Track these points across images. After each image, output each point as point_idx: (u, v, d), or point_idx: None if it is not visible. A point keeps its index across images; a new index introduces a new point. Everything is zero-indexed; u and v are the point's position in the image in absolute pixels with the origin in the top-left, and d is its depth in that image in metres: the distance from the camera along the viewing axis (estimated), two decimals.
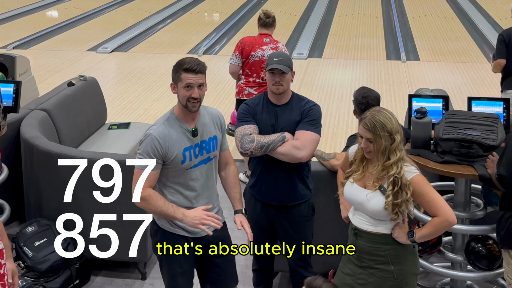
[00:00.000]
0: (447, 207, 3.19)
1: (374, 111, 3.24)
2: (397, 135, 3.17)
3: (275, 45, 6.03)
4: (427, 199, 3.19)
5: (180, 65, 3.29)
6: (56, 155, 4.58)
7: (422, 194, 3.18)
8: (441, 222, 3.17)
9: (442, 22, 13.94)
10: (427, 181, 3.22)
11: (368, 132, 3.17)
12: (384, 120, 3.16)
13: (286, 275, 4.60)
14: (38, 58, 10.96)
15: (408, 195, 3.15)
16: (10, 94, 4.80)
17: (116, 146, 5.78)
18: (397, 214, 3.21)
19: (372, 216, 3.28)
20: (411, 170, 3.20)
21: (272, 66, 3.68)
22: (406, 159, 3.22)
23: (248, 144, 3.69)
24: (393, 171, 3.16)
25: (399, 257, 3.29)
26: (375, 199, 3.22)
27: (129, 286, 4.70)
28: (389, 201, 3.15)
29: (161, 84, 9.52)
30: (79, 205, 4.59)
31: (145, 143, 3.31)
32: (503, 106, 4.24)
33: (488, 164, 3.68)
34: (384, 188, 3.19)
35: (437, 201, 3.19)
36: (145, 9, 15.38)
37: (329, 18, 14.40)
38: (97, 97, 6.39)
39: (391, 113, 3.22)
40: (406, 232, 3.25)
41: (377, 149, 3.18)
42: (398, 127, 3.20)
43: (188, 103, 3.29)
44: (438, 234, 3.28)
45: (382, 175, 3.20)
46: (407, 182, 3.16)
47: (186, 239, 3.46)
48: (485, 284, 4.45)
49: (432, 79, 9.71)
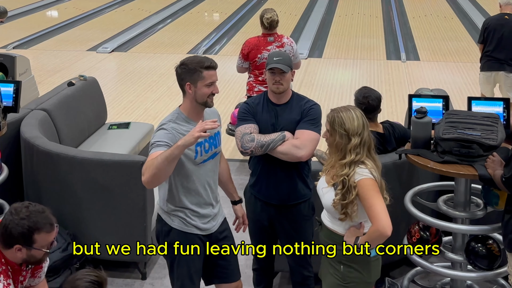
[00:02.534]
0: (384, 217, 3.07)
1: (343, 107, 3.27)
2: (355, 137, 3.16)
3: (280, 42, 6.07)
4: (367, 204, 3.12)
5: (198, 63, 3.32)
6: (56, 155, 4.59)
7: (364, 198, 3.13)
8: (373, 231, 3.10)
9: (442, 22, 13.94)
10: (375, 186, 3.15)
11: (328, 124, 3.25)
12: (345, 118, 3.18)
13: (286, 275, 4.60)
14: (38, 58, 10.96)
15: (353, 196, 3.13)
16: (10, 94, 4.80)
17: (116, 146, 5.78)
18: (344, 214, 3.18)
19: (327, 211, 3.32)
20: (362, 172, 3.17)
21: (272, 65, 3.69)
22: (367, 163, 3.18)
23: (248, 143, 3.69)
24: (344, 171, 3.17)
25: (350, 261, 3.26)
26: (328, 194, 3.26)
27: (129, 286, 4.70)
28: (337, 199, 3.17)
29: (161, 84, 9.52)
30: (79, 205, 4.60)
31: (159, 134, 3.29)
32: (503, 106, 4.24)
33: (488, 164, 3.67)
34: (337, 185, 3.20)
35: (375, 209, 3.09)
36: (145, 9, 15.38)
37: (329, 18, 14.40)
38: (97, 97, 6.39)
39: (359, 115, 3.21)
40: (355, 236, 3.21)
41: (331, 142, 3.24)
42: (361, 130, 3.17)
43: (207, 99, 3.36)
44: (376, 243, 3.14)
45: (339, 172, 3.20)
46: (354, 183, 3.14)
47: (199, 237, 3.49)
48: (485, 284, 4.45)
49: (432, 79, 9.71)
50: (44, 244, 2.87)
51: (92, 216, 4.60)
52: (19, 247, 2.84)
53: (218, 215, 3.59)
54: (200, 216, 3.48)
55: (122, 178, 4.49)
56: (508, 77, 7.01)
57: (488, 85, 7.18)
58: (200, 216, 3.48)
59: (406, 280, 4.38)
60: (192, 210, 3.45)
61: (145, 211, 4.54)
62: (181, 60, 3.43)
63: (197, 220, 3.47)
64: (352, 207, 3.16)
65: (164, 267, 4.85)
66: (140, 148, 6.10)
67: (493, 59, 7.04)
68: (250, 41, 6.11)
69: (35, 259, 2.92)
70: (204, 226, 3.50)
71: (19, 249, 2.84)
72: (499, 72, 7.03)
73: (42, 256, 2.92)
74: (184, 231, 3.46)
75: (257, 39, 6.11)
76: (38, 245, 2.85)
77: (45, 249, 2.88)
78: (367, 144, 3.21)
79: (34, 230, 2.82)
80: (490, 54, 7.06)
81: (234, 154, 6.65)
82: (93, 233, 4.63)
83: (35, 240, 2.83)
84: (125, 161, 4.53)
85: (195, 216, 3.46)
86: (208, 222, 3.51)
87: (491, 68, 7.07)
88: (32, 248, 2.84)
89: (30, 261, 2.92)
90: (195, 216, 3.46)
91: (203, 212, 3.48)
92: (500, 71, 7.02)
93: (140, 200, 4.51)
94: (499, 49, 6.99)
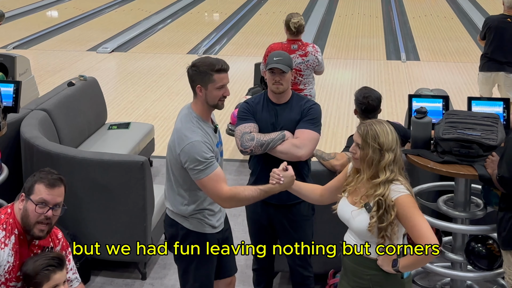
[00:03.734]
0: (431, 235, 2.91)
1: (376, 120, 3.10)
2: (388, 153, 2.96)
3: (304, 51, 5.78)
4: (411, 224, 2.92)
5: (209, 66, 3.28)
6: (56, 155, 4.59)
7: (406, 217, 2.92)
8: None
9: (442, 22, 13.94)
10: (415, 203, 2.98)
11: (359, 137, 3.02)
12: (379, 131, 2.97)
13: (286, 275, 4.60)
14: (38, 58, 10.97)
15: (392, 216, 2.92)
16: (10, 94, 4.80)
17: (116, 146, 5.78)
18: (383, 238, 2.97)
19: (358, 235, 3.08)
20: (398, 189, 2.97)
21: (272, 65, 3.69)
22: (400, 179, 3.00)
23: (248, 143, 3.69)
24: (379, 191, 2.95)
25: (382, 285, 3.06)
26: (360, 216, 3.03)
27: (129, 286, 4.70)
28: (373, 222, 2.95)
29: (161, 84, 9.52)
30: (79, 205, 4.59)
31: (196, 150, 3.23)
32: (503, 106, 4.24)
33: (488, 164, 3.67)
34: (370, 206, 2.98)
35: (421, 227, 2.90)
36: (145, 9, 15.38)
37: (329, 18, 14.40)
38: (97, 97, 6.39)
39: (393, 131, 3.02)
40: (391, 260, 3.01)
41: (363, 157, 3.00)
42: (395, 146, 2.98)
43: (219, 102, 3.34)
44: (421, 265, 3.00)
45: (370, 192, 3.00)
46: (392, 202, 2.93)
47: (215, 236, 3.51)
48: (485, 284, 4.45)
49: (432, 79, 9.72)
50: (39, 199, 2.92)
51: (92, 216, 4.60)
52: (23, 197, 2.98)
53: (223, 210, 3.61)
54: (215, 214, 3.49)
55: (122, 178, 4.49)
56: (508, 77, 7.08)
57: (487, 85, 7.27)
58: (215, 214, 3.49)
59: None
60: (209, 210, 3.46)
61: (145, 211, 4.54)
62: (193, 61, 3.39)
63: (213, 218, 3.48)
64: (392, 229, 2.94)
65: (164, 267, 4.85)
66: (140, 148, 6.10)
67: (493, 60, 7.10)
68: (273, 47, 5.76)
69: (27, 216, 2.93)
70: (218, 223, 3.52)
71: (22, 199, 2.98)
72: (499, 72, 7.10)
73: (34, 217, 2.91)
74: (203, 232, 3.46)
75: (280, 45, 5.80)
76: (34, 197, 2.93)
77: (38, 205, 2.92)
78: (399, 162, 3.01)
79: (36, 181, 2.97)
80: (490, 55, 7.12)
81: (234, 154, 6.65)
82: (93, 233, 4.63)
83: (34, 190, 2.95)
84: (125, 161, 4.53)
85: (211, 216, 3.47)
86: (219, 218, 3.54)
87: (491, 68, 7.14)
88: (29, 199, 2.94)
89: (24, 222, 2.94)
90: (211, 215, 3.47)
91: (217, 209, 3.50)
92: (500, 71, 7.10)
93: (140, 200, 4.51)
94: (500, 51, 7.06)
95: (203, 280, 3.55)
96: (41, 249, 3.03)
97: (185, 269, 3.55)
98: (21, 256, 2.96)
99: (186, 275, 3.56)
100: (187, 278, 3.56)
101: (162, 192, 4.98)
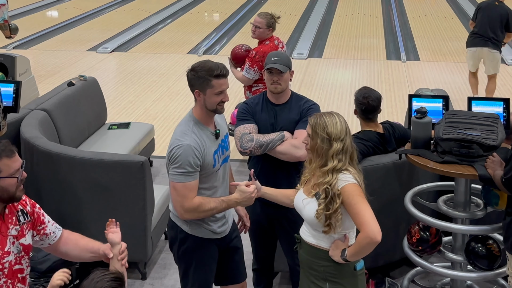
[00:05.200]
0: (373, 222, 2.92)
1: (327, 111, 3.15)
2: (337, 142, 3.02)
3: (280, 43, 6.09)
4: (354, 211, 2.96)
5: (207, 71, 3.24)
6: (56, 155, 4.59)
7: (350, 204, 2.97)
8: (363, 238, 2.93)
9: (442, 22, 13.94)
10: (360, 191, 3.01)
11: (310, 128, 3.11)
12: (328, 122, 3.04)
13: (286, 275, 4.60)
14: (38, 58, 10.97)
15: (337, 204, 2.97)
16: (10, 94, 4.80)
17: (116, 146, 5.78)
18: (328, 226, 3.01)
19: (310, 224, 3.12)
20: (345, 178, 3.02)
21: (270, 65, 3.69)
22: (350, 169, 3.05)
23: (247, 143, 3.69)
24: (327, 179, 3.01)
25: (336, 277, 3.09)
26: (309, 205, 3.08)
27: (129, 286, 4.70)
28: (320, 209, 3.00)
29: (161, 84, 9.52)
30: (79, 205, 4.60)
31: (183, 155, 3.22)
32: (503, 106, 4.24)
33: (488, 164, 3.67)
34: (319, 194, 3.03)
35: (363, 215, 2.93)
36: (145, 9, 15.38)
37: (329, 18, 14.40)
38: (97, 97, 6.40)
39: (343, 121, 3.08)
40: (341, 249, 3.04)
41: (313, 146, 3.08)
42: (343, 136, 3.04)
43: (217, 107, 3.31)
44: (366, 252, 2.98)
45: (320, 181, 3.05)
46: (338, 191, 2.98)
47: (215, 241, 3.49)
48: (485, 284, 4.45)
49: (432, 79, 9.72)
50: (10, 171, 2.85)
51: (92, 216, 4.60)
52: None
53: (229, 217, 3.59)
54: (217, 220, 3.47)
55: (122, 178, 4.49)
56: (491, 53, 8.07)
57: (473, 60, 8.26)
58: (216, 220, 3.46)
59: (406, 280, 4.38)
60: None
61: (145, 211, 4.54)
62: (193, 64, 3.35)
63: (213, 224, 3.46)
64: (336, 217, 2.99)
65: (164, 267, 4.86)
66: (140, 148, 6.10)
67: (479, 37, 8.08)
68: (265, 50, 5.82)
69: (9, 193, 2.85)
70: (220, 230, 3.49)
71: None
72: (484, 48, 8.06)
73: (14, 187, 2.84)
74: (202, 236, 3.44)
75: (269, 46, 5.90)
76: (5, 173, 2.84)
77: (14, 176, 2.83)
78: (349, 152, 3.07)
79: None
80: (477, 32, 8.10)
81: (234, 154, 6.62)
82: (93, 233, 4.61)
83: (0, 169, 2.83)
84: (125, 161, 4.53)
85: (211, 221, 3.45)
86: (222, 225, 3.51)
87: (476, 44, 8.12)
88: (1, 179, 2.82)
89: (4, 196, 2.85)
90: (212, 221, 3.45)
91: (219, 215, 3.46)
92: (484, 47, 8.05)
93: (140, 200, 4.51)
94: (485, 29, 8.01)
95: (201, 284, 3.53)
96: (14, 215, 2.94)
97: (184, 271, 3.55)
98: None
99: (185, 277, 3.56)
100: (187, 281, 3.56)
101: (162, 192, 5.00)
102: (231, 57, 6.17)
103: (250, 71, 5.90)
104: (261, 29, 5.95)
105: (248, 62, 5.91)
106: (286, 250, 3.91)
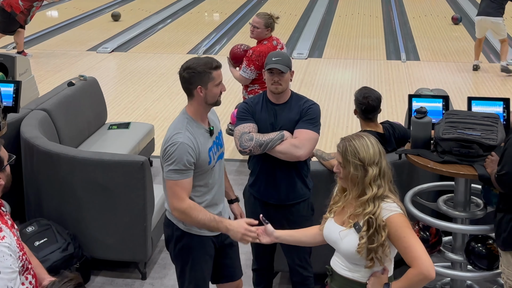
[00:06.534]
0: (425, 257, 2.71)
1: (355, 134, 2.92)
2: (372, 167, 2.77)
3: (280, 43, 6.05)
4: (404, 245, 2.72)
5: (205, 65, 3.30)
6: (56, 155, 4.59)
7: (399, 238, 2.73)
8: (416, 275, 2.70)
9: (442, 22, 13.94)
10: (408, 222, 2.78)
11: (339, 155, 2.86)
12: (358, 147, 2.80)
13: (286, 275, 4.60)
14: (38, 58, 10.96)
15: (383, 237, 2.72)
16: (10, 94, 4.80)
17: (116, 146, 5.78)
18: (373, 260, 2.77)
19: (347, 258, 2.88)
20: (390, 207, 2.78)
21: (271, 65, 3.69)
22: (390, 196, 2.82)
23: (247, 143, 3.69)
24: (368, 209, 2.76)
25: None
26: (348, 237, 2.82)
27: (129, 286, 4.70)
28: (363, 243, 2.75)
29: (161, 84, 9.52)
30: (79, 205, 4.60)
31: (177, 152, 3.24)
32: (503, 106, 4.24)
33: (487, 163, 3.67)
34: (359, 226, 2.78)
35: (415, 249, 2.70)
36: (145, 9, 15.38)
37: (329, 18, 14.39)
38: (97, 97, 6.40)
39: (374, 143, 2.83)
40: (383, 284, 2.80)
41: (346, 175, 2.83)
42: (378, 159, 2.80)
43: (218, 99, 3.36)
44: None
45: (358, 211, 2.80)
46: (383, 222, 2.74)
47: (211, 239, 3.49)
48: (485, 284, 4.44)
49: (432, 79, 9.71)
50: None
51: (92, 216, 4.60)
52: None
53: (225, 214, 3.60)
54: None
55: (122, 178, 4.49)
56: (493, 22, 9.45)
57: (479, 28, 9.70)
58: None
59: None
60: None
61: (145, 211, 4.54)
62: (183, 64, 3.39)
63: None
64: (383, 251, 2.74)
65: (164, 267, 4.86)
66: (140, 148, 6.10)
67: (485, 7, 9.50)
68: (261, 50, 5.84)
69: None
70: None
71: None
72: (487, 17, 9.44)
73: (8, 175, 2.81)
74: (198, 234, 3.45)
75: (266, 46, 5.89)
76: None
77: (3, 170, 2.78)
78: (387, 175, 2.82)
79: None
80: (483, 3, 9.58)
81: (234, 154, 6.65)
82: (93, 233, 4.63)
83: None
84: (125, 161, 4.53)
85: None
86: None
87: (480, 13, 9.58)
88: None
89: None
90: None
91: (215, 212, 3.46)
92: (488, 16, 9.43)
93: (140, 200, 4.51)
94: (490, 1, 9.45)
95: (198, 282, 3.54)
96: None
97: (181, 270, 3.55)
98: None
99: (182, 276, 3.56)
100: (183, 279, 3.56)
101: (162, 192, 4.98)
102: (230, 57, 6.17)
103: (247, 70, 5.91)
104: (259, 29, 5.95)
105: (245, 62, 5.91)
106: (286, 250, 3.91)
